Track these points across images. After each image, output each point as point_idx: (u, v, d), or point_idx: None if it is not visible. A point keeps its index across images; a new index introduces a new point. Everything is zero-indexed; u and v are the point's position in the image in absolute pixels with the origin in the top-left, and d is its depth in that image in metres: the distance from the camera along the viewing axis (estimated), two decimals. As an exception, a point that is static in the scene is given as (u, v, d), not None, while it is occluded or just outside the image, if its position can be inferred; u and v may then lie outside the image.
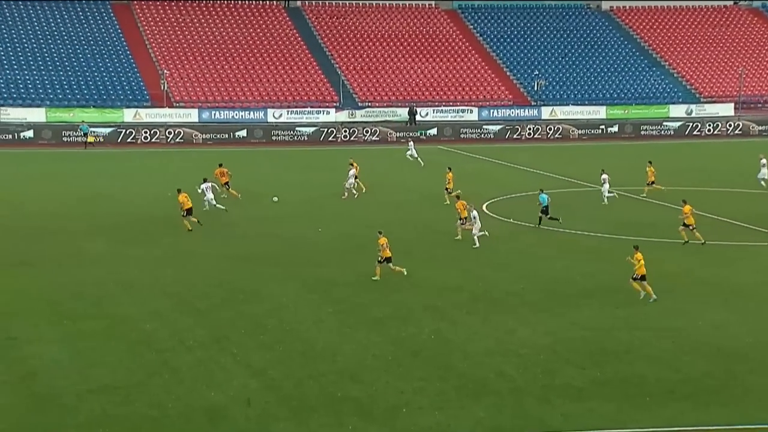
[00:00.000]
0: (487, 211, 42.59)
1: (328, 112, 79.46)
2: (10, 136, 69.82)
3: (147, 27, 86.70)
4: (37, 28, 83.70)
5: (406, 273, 30.32)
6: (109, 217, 40.92)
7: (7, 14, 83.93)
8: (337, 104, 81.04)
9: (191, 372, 21.91)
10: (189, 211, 38.17)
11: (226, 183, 45.12)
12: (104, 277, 30.65)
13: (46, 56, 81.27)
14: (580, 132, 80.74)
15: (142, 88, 79.59)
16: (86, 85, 79.40)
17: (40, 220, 40.02)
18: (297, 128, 76.50)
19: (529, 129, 79.96)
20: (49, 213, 41.51)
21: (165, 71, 79.49)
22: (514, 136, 78.91)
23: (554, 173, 55.39)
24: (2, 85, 77.17)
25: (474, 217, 35.71)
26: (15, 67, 79.30)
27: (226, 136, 74.74)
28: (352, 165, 47.87)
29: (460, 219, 36.56)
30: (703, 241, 35.42)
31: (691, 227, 35.68)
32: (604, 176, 46.04)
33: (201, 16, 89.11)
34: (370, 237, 34.10)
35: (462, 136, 78.65)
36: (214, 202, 41.63)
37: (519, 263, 32.58)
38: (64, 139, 71.22)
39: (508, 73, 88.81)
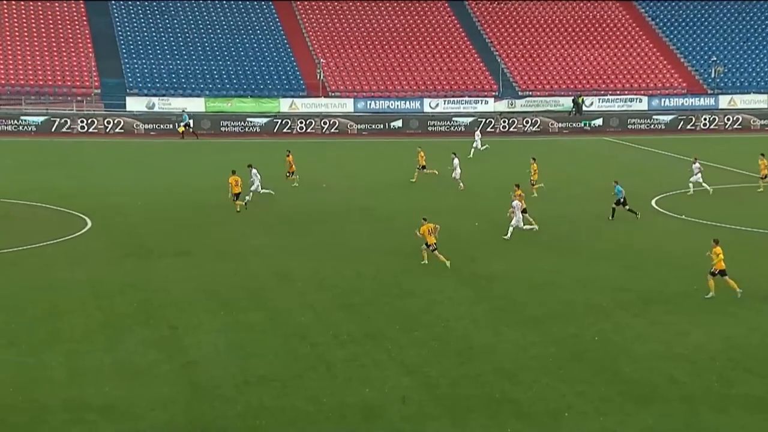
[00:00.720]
0: (657, 207, 41.51)
1: (486, 102, 79.15)
2: (172, 126, 72.86)
3: (305, 16, 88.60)
4: (198, 19, 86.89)
5: (449, 265, 30.46)
6: (267, 208, 42.14)
7: (171, 7, 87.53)
8: (496, 93, 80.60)
9: (345, 367, 22.29)
10: (237, 196, 40.20)
11: (292, 172, 47.15)
12: (262, 268, 31.57)
13: (206, 46, 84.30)
14: (762, 122, 77.46)
15: (298, 78, 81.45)
16: (244, 75, 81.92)
17: (202, 210, 41.61)
18: (453, 118, 76.59)
19: (705, 119, 77.33)
20: (211, 204, 43.13)
21: (321, 60, 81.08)
22: (688, 127, 76.49)
23: (732, 167, 53.43)
24: (165, 76, 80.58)
25: (514, 207, 35.31)
26: (177, 57, 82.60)
27: (381, 126, 75.61)
28: (455, 155, 47.95)
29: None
30: None
31: None
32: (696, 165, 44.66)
33: (359, 5, 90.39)
34: (525, 232, 33.92)
35: (630, 126, 76.86)
36: (260, 190, 42.03)
37: (690, 262, 31.62)
38: (222, 128, 73.76)
39: (682, 60, 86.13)
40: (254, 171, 42.36)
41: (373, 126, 75.54)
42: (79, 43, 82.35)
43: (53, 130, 68.96)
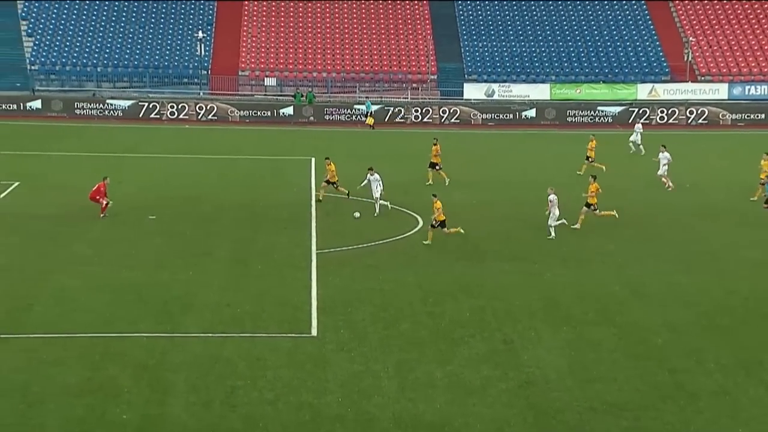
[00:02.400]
0: None
1: None
2: (511, 115, 73.38)
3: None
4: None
5: (463, 231, 33.77)
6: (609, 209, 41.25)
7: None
8: None
9: (712, 400, 21.14)
10: (330, 182, 41.18)
11: (436, 164, 46.45)
12: (611, 278, 30.80)
13: (555, 26, 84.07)
14: None
15: (661, 60, 79.09)
16: (596, 56, 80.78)
17: (541, 208, 41.39)
18: None
19: None
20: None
21: (690, 39, 78.12)
22: None
23: None
24: (506, 59, 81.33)
25: (551, 202, 35.70)
26: (521, 38, 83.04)
27: (763, 116, 71.70)
28: (663, 148, 45.88)
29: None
30: None
31: None
32: None
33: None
34: None
35: None
36: (380, 200, 40.05)
37: None
38: (569, 119, 73.20)
39: None
40: (374, 177, 40.62)
41: (751, 116, 71.75)
42: (417, 25, 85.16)
43: (386, 119, 71.71)
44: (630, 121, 71.58)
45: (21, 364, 23.13)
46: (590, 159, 49.96)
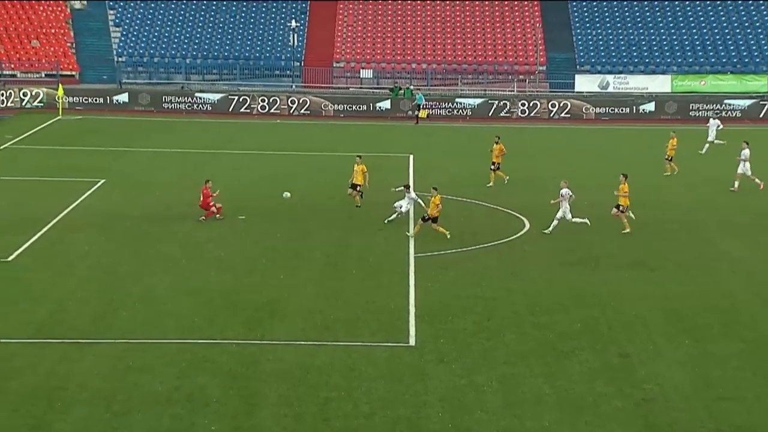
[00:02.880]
0: None
1: None
2: (628, 110, 72.46)
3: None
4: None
5: (449, 236, 34.33)
6: (744, 212, 40.44)
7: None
8: None
9: None
10: (354, 186, 40.19)
11: (496, 164, 45.71)
12: (739, 287, 30.29)
13: (677, 11, 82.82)
14: None
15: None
16: (723, 44, 79.29)
17: (660, 208, 40.88)
18: None
19: None
20: (673, 202, 42.19)
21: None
22: None
23: None
24: (622, 49, 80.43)
25: (563, 196, 36.20)
26: (639, 25, 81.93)
27: None
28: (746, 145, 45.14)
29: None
30: None
31: None
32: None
33: None
34: None
35: None
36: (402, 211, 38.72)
37: None
38: (691, 113, 72.01)
39: None
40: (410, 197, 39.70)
41: None
42: (525, 11, 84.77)
43: (490, 114, 71.49)
44: (761, 115, 70.09)
45: (106, 370, 23.65)
46: (670, 158, 49.25)
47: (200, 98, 71.25)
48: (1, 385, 22.66)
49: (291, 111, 70.88)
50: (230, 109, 70.46)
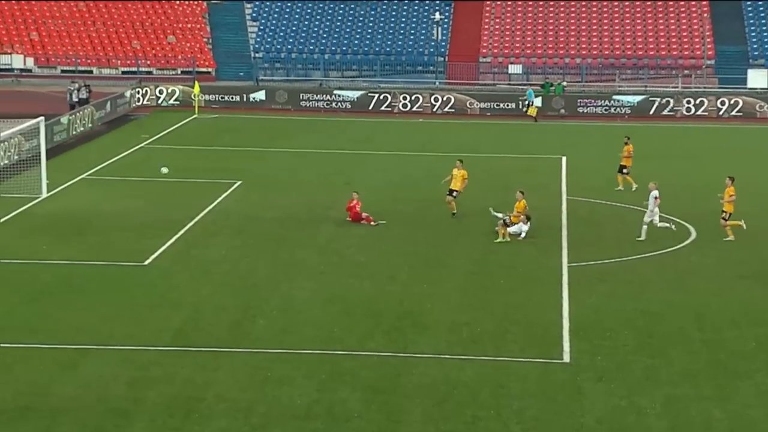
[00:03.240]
0: None
1: None
2: (804, 108, 70.34)
3: None
4: None
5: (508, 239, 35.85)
6: None
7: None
8: None
9: None
10: (452, 192, 39.42)
11: (626, 167, 44.61)
12: None
13: None
14: None
15: None
16: None
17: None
18: None
19: None
20: None
21: None
22: None
23: None
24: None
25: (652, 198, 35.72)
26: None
27: None
28: None
29: None
30: None
31: None
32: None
33: None
34: None
35: None
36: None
37: None
38: None
39: None
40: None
41: None
42: (691, 0, 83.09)
43: (651, 112, 70.33)
44: None
45: (245, 381, 23.97)
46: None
47: (339, 96, 71.88)
48: (139, 394, 23.15)
49: (434, 109, 70.96)
50: (370, 108, 70.90)
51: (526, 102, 69.47)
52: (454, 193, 40.13)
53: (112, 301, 29.77)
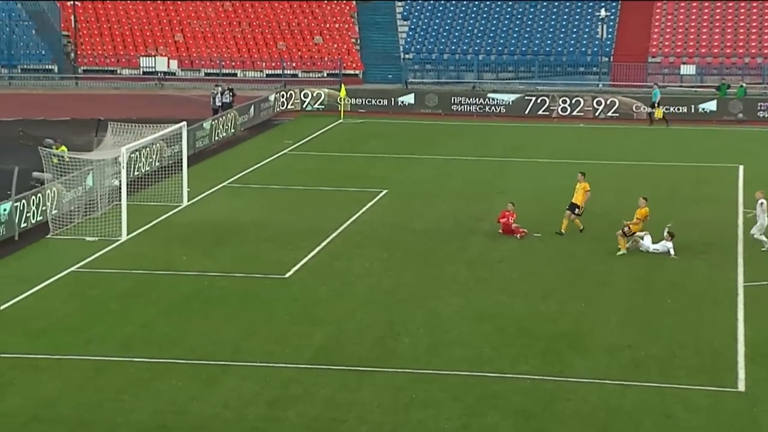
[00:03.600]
0: None
1: None
2: None
3: None
4: None
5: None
6: None
7: None
8: None
9: None
10: (573, 207, 38.27)
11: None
12: None
13: None
14: None
15: None
16: None
17: None
18: None
19: None
20: None
21: None
22: None
23: None
24: None
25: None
26: None
27: None
28: None
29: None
30: None
31: None
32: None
33: None
34: None
35: None
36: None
37: None
38: None
39: None
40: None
41: None
42: None
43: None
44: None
45: (388, 402, 24.07)
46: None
47: (493, 99, 71.71)
48: (279, 413, 23.46)
49: (596, 113, 70.30)
50: (526, 112, 70.59)
51: (652, 102, 68.04)
52: (577, 210, 39.09)
53: (251, 315, 30.25)
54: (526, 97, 71.64)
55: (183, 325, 29.49)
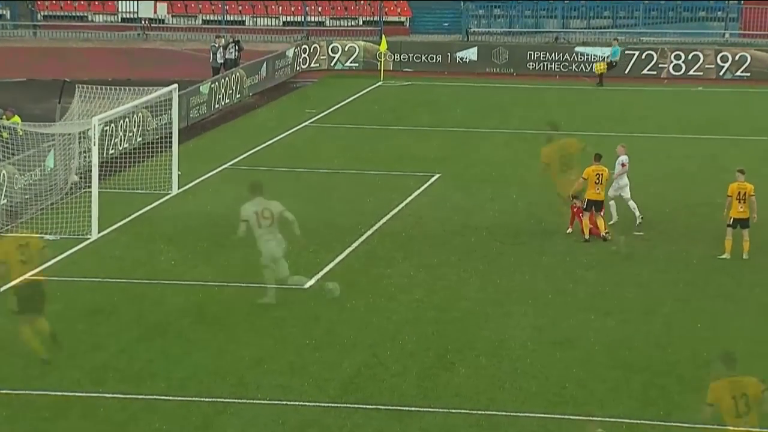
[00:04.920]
0: None
1: None
2: None
3: None
4: None
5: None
6: None
7: None
8: None
9: None
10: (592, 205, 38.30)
11: None
12: None
13: None
14: None
15: None
16: None
17: None
18: None
19: None
20: None
21: None
22: None
23: None
24: None
25: None
26: None
27: None
28: None
29: None
30: None
31: None
32: None
33: None
34: None
35: None
36: None
37: None
38: None
39: None
40: None
41: None
42: None
43: None
44: None
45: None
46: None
47: (582, 55, 71.75)
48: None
49: (721, 73, 70.15)
50: (626, 71, 70.49)
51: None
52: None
53: (260, 338, 30.34)
54: (626, 52, 71.51)
55: (170, 350, 29.55)
